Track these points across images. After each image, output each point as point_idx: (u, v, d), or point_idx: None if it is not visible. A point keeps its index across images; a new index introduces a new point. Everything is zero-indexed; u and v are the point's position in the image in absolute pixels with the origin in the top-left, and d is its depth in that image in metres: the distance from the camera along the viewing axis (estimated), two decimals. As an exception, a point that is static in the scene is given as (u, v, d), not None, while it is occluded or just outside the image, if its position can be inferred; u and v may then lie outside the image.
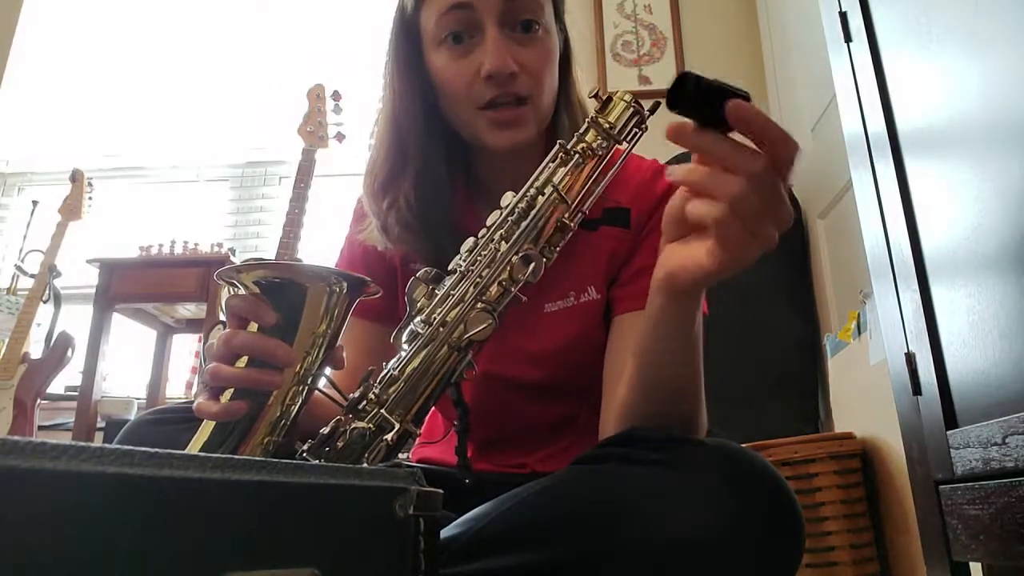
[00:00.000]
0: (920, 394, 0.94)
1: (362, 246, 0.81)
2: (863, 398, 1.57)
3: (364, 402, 0.57)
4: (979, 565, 0.92)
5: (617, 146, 0.60)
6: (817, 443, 1.53)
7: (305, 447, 0.56)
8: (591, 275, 0.76)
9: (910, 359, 0.96)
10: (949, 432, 0.86)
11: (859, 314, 1.58)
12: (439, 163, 0.74)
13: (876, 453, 1.51)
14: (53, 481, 0.26)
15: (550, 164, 0.59)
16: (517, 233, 0.58)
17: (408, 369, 0.56)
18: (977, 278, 0.82)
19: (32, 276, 2.17)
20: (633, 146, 0.61)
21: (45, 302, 2.14)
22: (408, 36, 0.74)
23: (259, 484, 0.34)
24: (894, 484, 1.44)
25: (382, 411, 0.55)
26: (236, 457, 0.34)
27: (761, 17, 2.54)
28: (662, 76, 2.56)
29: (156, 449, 0.30)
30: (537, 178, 0.59)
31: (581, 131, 0.60)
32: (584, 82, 0.79)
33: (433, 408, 0.89)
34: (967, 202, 0.84)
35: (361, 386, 0.57)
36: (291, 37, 2.88)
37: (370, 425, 0.55)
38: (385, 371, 0.57)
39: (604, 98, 0.60)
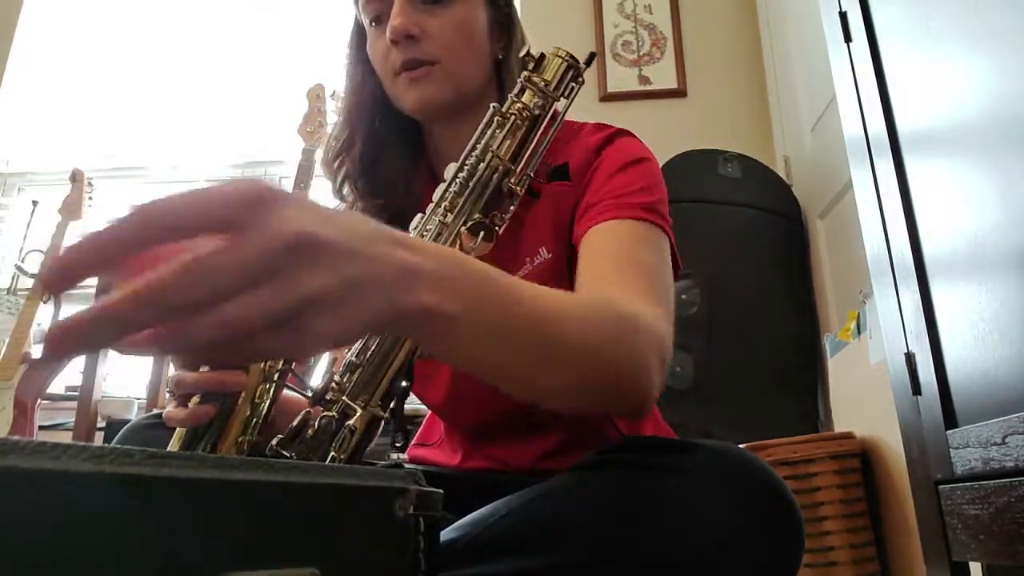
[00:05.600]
0: (920, 394, 0.94)
1: None
2: (863, 398, 1.57)
3: (329, 392, 0.56)
4: (979, 565, 0.92)
5: (556, 103, 0.59)
6: (817, 443, 1.53)
7: (275, 442, 0.55)
8: (541, 236, 0.76)
9: (910, 359, 0.96)
10: (949, 432, 0.86)
11: (859, 314, 1.58)
12: (386, 135, 0.79)
13: (876, 453, 1.51)
14: (53, 481, 0.26)
15: (487, 130, 0.58)
16: (461, 203, 0.56)
17: (368, 353, 0.55)
18: (977, 278, 0.82)
19: (32, 276, 2.17)
20: (572, 100, 0.59)
21: (45, 302, 2.14)
22: (358, 35, 0.81)
23: (259, 484, 0.34)
24: (894, 484, 1.44)
25: (343, 398, 0.54)
26: (236, 457, 0.34)
27: (761, 17, 2.54)
28: (662, 76, 2.56)
29: (156, 449, 0.30)
30: (475, 146, 0.58)
31: (516, 91, 0.59)
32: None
33: (430, 412, 0.91)
34: (967, 202, 0.84)
35: (324, 376, 0.57)
36: (291, 37, 2.88)
37: (334, 414, 0.54)
38: (345, 358, 0.57)
39: (537, 57, 0.59)
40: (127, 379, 2.45)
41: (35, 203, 2.47)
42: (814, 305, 2.05)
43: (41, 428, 2.11)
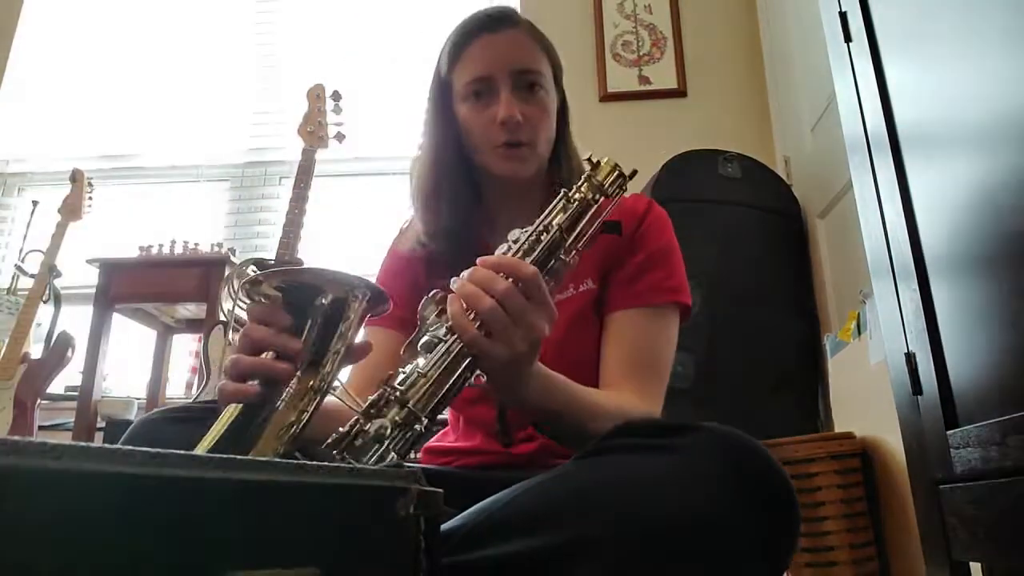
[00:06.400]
0: (920, 394, 0.94)
1: (398, 257, 0.99)
2: (863, 398, 1.57)
3: (383, 403, 0.59)
4: (979, 565, 0.92)
5: (604, 198, 0.72)
6: (817, 443, 1.53)
7: (329, 440, 0.57)
8: (587, 270, 0.91)
9: (910, 359, 0.96)
10: (949, 432, 0.87)
11: (859, 314, 1.58)
12: (466, 188, 0.94)
13: (876, 453, 1.52)
14: (53, 481, 0.26)
15: (554, 208, 0.71)
16: None
17: (431, 372, 0.61)
18: (977, 278, 0.82)
19: (32, 276, 2.17)
20: (617, 200, 0.73)
21: (45, 302, 2.14)
22: (442, 92, 0.94)
23: (259, 484, 0.34)
24: (894, 484, 1.44)
25: (408, 407, 0.59)
26: (236, 457, 0.34)
27: (761, 17, 2.54)
28: (662, 76, 2.56)
29: (156, 449, 0.30)
30: (544, 219, 0.70)
31: (579, 184, 0.72)
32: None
33: (451, 414, 0.98)
34: (966, 201, 0.84)
35: (379, 389, 0.60)
36: (291, 37, 2.88)
37: (396, 419, 0.58)
38: (407, 375, 0.61)
39: (595, 161, 0.73)
40: (126, 379, 2.45)
41: (35, 203, 2.47)
42: (814, 305, 2.06)
43: (41, 428, 2.11)
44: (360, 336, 0.90)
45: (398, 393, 0.59)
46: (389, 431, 0.57)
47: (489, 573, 0.54)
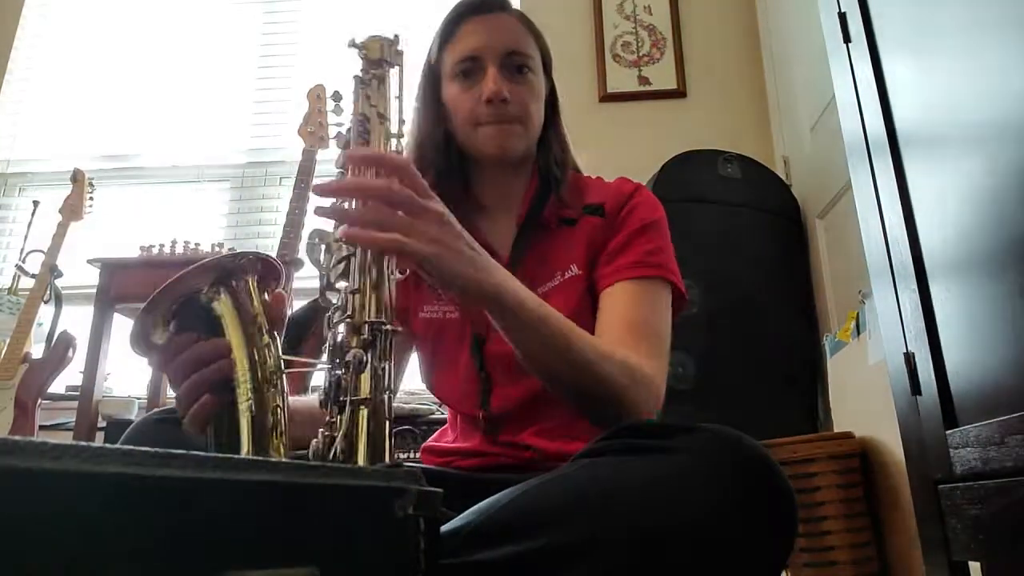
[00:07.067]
0: (919, 394, 0.94)
1: None
2: (862, 398, 1.57)
3: (339, 342, 0.59)
4: (978, 565, 0.92)
5: (390, 67, 0.74)
6: (816, 443, 1.53)
7: (322, 399, 0.58)
8: (573, 257, 0.90)
9: (909, 359, 0.96)
10: (948, 432, 0.87)
11: (858, 314, 1.58)
12: (453, 173, 0.93)
13: (875, 453, 1.52)
14: (53, 481, 0.26)
15: (356, 100, 0.73)
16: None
17: (361, 285, 0.60)
18: (975, 278, 0.82)
19: (33, 276, 2.17)
20: (401, 65, 0.75)
21: (46, 302, 2.14)
22: (431, 77, 0.95)
23: (259, 484, 0.34)
24: (893, 484, 1.44)
25: (366, 322, 0.58)
26: (236, 457, 0.34)
27: (761, 17, 2.54)
28: (662, 77, 2.56)
29: (156, 449, 0.30)
30: (354, 113, 0.73)
31: (363, 67, 0.74)
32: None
33: (450, 413, 0.98)
34: (965, 202, 0.84)
35: (327, 335, 0.61)
36: (292, 38, 2.88)
37: (364, 340, 0.57)
38: (340, 306, 0.60)
39: (360, 44, 0.74)
40: (127, 379, 2.45)
41: (36, 203, 2.47)
42: (814, 305, 2.06)
43: (41, 428, 2.11)
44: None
45: (346, 321, 0.59)
46: (365, 355, 0.57)
47: (488, 574, 0.54)
